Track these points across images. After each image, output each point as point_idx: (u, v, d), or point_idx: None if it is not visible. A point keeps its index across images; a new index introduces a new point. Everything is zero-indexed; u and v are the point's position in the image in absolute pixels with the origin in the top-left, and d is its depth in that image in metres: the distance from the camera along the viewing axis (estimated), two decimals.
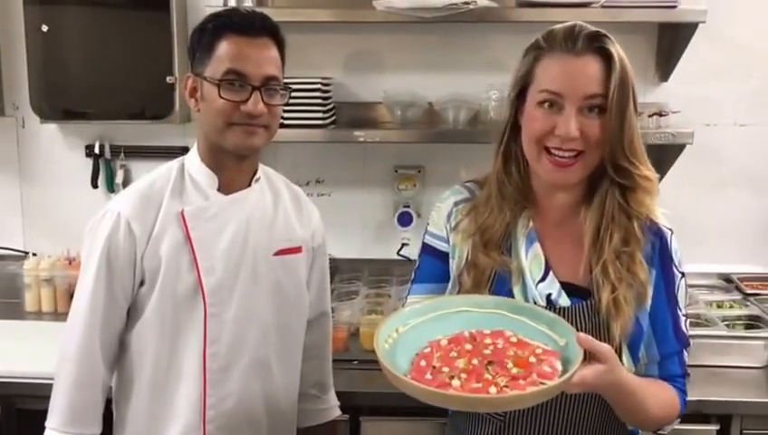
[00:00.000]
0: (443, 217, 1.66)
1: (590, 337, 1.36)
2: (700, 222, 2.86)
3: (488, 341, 1.41)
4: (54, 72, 2.80)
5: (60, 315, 2.74)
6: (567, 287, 1.55)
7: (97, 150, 2.94)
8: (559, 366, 1.34)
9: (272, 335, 1.81)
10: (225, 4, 2.59)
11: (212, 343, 1.72)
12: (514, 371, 1.33)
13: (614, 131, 1.45)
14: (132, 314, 1.74)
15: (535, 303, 1.53)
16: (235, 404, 1.76)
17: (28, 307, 2.80)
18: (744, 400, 2.17)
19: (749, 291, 2.76)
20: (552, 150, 1.48)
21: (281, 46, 1.73)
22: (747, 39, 2.81)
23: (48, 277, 2.79)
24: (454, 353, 1.38)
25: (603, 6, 2.52)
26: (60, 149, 3.00)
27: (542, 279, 1.55)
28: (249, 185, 1.80)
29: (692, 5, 2.53)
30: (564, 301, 1.53)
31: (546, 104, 1.48)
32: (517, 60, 2.87)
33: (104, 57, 2.78)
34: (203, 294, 1.70)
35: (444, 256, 1.65)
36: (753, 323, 2.51)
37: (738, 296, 2.74)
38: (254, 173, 1.82)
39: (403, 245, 2.93)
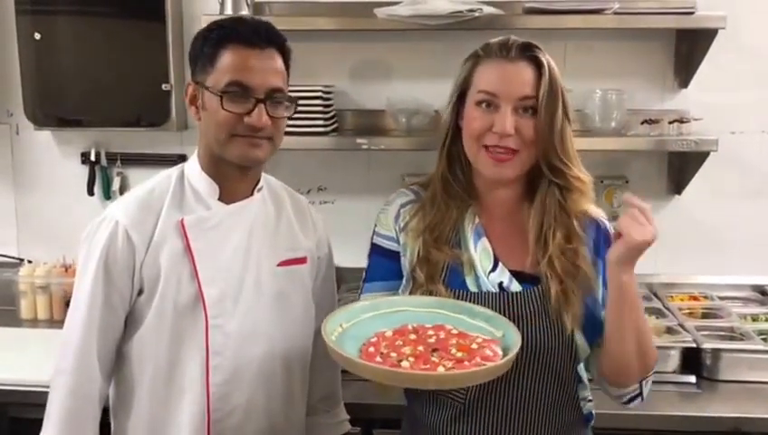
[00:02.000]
0: (390, 218, 1.76)
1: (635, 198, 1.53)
2: (728, 232, 2.81)
3: (431, 332, 1.52)
4: (48, 80, 2.78)
5: (55, 322, 2.74)
6: (517, 275, 1.65)
7: (93, 158, 2.91)
8: (500, 351, 1.45)
9: (277, 348, 1.76)
10: (221, 12, 2.53)
11: (215, 356, 1.68)
12: (459, 355, 1.43)
13: (544, 131, 1.59)
14: (131, 323, 1.70)
15: (487, 291, 1.63)
16: (241, 419, 1.72)
17: (24, 315, 2.80)
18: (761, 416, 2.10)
19: None
20: (490, 148, 1.61)
21: (286, 57, 1.69)
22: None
23: (44, 284, 2.78)
24: (399, 342, 1.48)
25: (616, 13, 2.43)
26: (55, 156, 2.97)
27: (493, 269, 1.65)
28: (251, 194, 1.76)
29: (711, 11, 2.45)
30: (516, 286, 1.63)
31: (484, 104, 1.61)
32: None
33: (99, 64, 2.75)
34: (204, 305, 1.67)
35: (394, 255, 1.74)
36: None
37: (765, 310, 2.65)
38: (257, 182, 1.78)
39: None
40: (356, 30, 2.63)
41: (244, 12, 2.53)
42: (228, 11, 2.52)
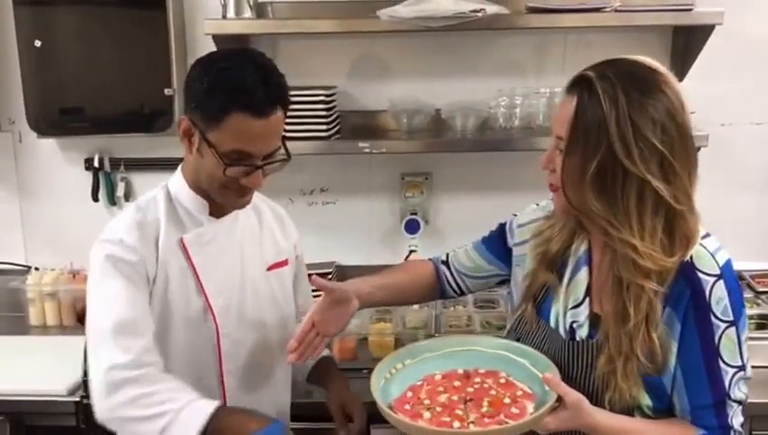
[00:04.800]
0: (525, 221, 1.76)
1: (556, 381, 1.45)
2: (716, 219, 2.80)
3: (478, 380, 1.57)
4: (50, 87, 2.77)
5: (65, 328, 2.78)
6: (599, 317, 1.55)
7: (96, 164, 2.92)
8: (531, 409, 1.46)
9: (275, 344, 1.86)
10: (223, 15, 2.52)
11: (227, 361, 1.78)
12: (485, 409, 1.48)
13: (569, 174, 1.48)
14: None
15: (554, 332, 1.60)
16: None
17: (33, 321, 2.81)
18: (755, 401, 2.04)
19: (761, 289, 2.71)
20: None
21: (287, 107, 1.66)
22: (763, 37, 2.75)
23: (52, 292, 2.79)
24: (441, 388, 1.56)
25: (617, 11, 2.45)
26: (58, 163, 2.97)
27: (577, 305, 1.57)
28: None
29: (708, 7, 2.46)
30: (583, 332, 1.56)
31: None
32: (527, 64, 2.83)
33: (100, 71, 2.74)
34: (213, 316, 1.74)
35: (504, 243, 1.80)
36: (765, 322, 2.48)
37: (750, 295, 2.68)
38: None
39: (411, 252, 2.90)
40: (358, 32, 2.63)
41: (248, 14, 2.52)
42: (231, 14, 2.51)
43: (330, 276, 2.83)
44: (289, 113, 1.70)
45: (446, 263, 1.91)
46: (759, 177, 2.87)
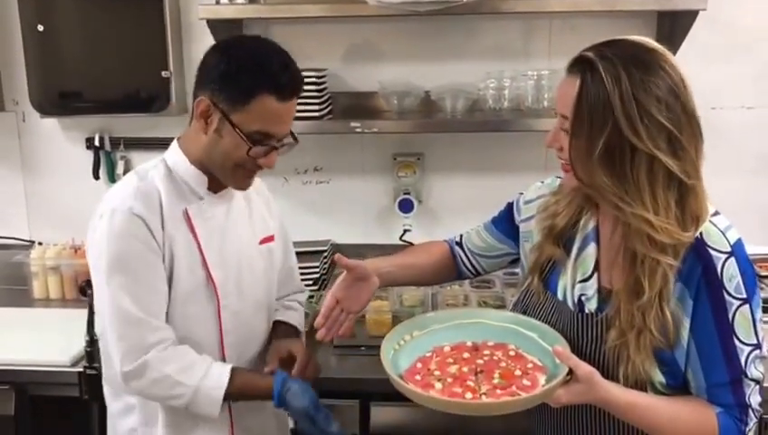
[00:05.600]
0: (532, 195, 1.77)
1: (567, 354, 1.42)
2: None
3: (487, 352, 1.56)
4: (52, 69, 2.85)
5: (67, 302, 2.82)
6: (608, 292, 1.55)
7: (97, 143, 2.99)
8: (542, 381, 1.44)
9: (267, 314, 1.94)
10: (217, 1, 2.58)
11: (227, 334, 1.82)
12: (496, 381, 1.45)
13: (578, 153, 1.48)
14: None
15: (563, 304, 1.59)
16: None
17: (36, 295, 2.86)
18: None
19: (763, 273, 2.69)
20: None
21: (299, 94, 1.75)
22: (749, 22, 2.77)
23: (54, 265, 2.83)
24: (450, 360, 1.54)
25: None
26: (60, 142, 3.05)
27: (586, 279, 1.57)
28: None
29: None
30: (591, 305, 1.55)
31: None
32: (514, 48, 2.85)
33: (101, 54, 2.82)
34: (215, 287, 1.78)
35: (512, 221, 1.82)
36: (765, 305, 2.45)
37: None
38: None
39: (405, 230, 2.96)
40: (347, 16, 2.67)
41: (241, 0, 2.58)
42: None
43: (325, 256, 2.88)
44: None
45: (459, 244, 1.92)
46: (752, 160, 2.89)
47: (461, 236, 1.94)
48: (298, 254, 2.14)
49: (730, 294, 1.44)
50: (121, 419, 1.84)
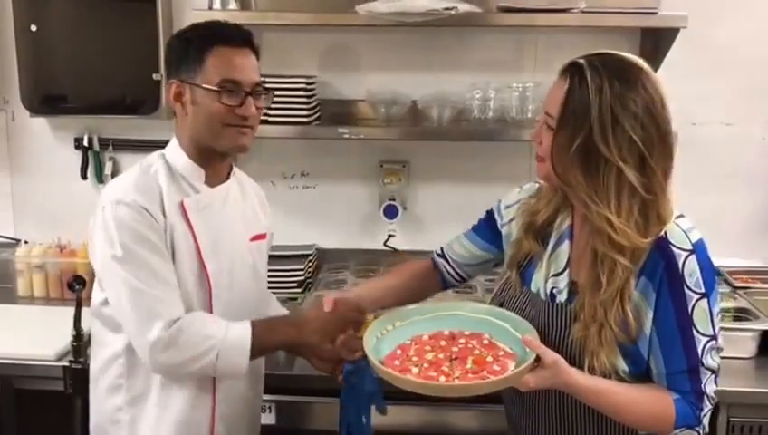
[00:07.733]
0: (511, 200, 1.85)
1: (536, 343, 1.52)
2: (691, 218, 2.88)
3: (463, 341, 1.66)
4: (44, 69, 2.87)
5: (52, 300, 2.84)
6: (576, 285, 1.64)
7: (86, 143, 3.01)
8: (511, 367, 1.54)
9: (253, 311, 1.94)
10: (209, 6, 2.62)
11: None
12: (469, 366, 1.56)
13: (557, 148, 1.57)
14: None
15: (536, 295, 1.69)
16: (239, 384, 1.91)
17: (21, 292, 2.87)
18: (732, 389, 2.16)
19: (738, 284, 2.77)
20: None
21: (257, 53, 1.85)
22: (730, 40, 2.82)
23: (40, 264, 2.85)
24: (428, 347, 1.64)
25: (583, 12, 2.53)
26: (49, 141, 3.06)
27: (558, 274, 1.66)
28: (227, 178, 1.93)
29: (673, 11, 2.54)
30: (562, 297, 1.65)
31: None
32: (500, 60, 2.90)
33: (92, 55, 2.85)
34: (208, 278, 1.83)
35: (494, 226, 1.88)
36: (741, 315, 2.53)
37: (727, 290, 2.74)
38: (231, 167, 1.96)
39: (389, 236, 2.99)
40: (337, 25, 2.72)
41: (232, 6, 2.62)
42: (216, 5, 2.61)
43: (309, 259, 2.92)
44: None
45: (441, 255, 1.98)
46: (731, 175, 2.93)
47: (441, 248, 2.00)
48: (283, 257, 2.18)
49: (690, 289, 1.53)
50: (107, 398, 1.85)
